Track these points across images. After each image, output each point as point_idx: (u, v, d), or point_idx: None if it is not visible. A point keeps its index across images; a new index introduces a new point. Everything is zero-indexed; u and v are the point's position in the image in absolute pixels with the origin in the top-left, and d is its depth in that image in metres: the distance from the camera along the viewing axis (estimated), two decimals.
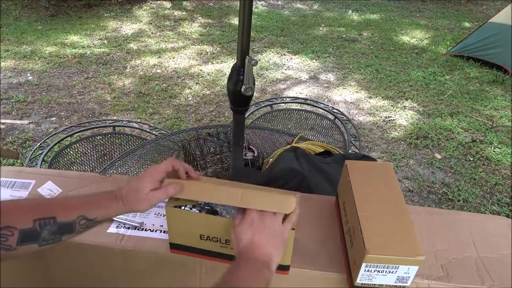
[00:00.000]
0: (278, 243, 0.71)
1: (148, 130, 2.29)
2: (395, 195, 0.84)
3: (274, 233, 0.71)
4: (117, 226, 0.92)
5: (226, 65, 4.38)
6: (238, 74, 1.15)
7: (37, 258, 0.92)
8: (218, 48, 4.86)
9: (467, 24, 6.13)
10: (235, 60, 1.15)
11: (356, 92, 3.94)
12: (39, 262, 0.92)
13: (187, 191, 0.76)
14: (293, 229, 0.74)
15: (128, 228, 0.91)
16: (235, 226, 0.72)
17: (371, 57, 4.77)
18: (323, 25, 5.90)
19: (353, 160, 0.94)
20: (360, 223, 0.75)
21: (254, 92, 1.24)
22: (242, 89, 1.14)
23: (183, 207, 0.78)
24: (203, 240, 0.80)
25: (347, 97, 3.85)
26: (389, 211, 0.79)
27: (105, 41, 4.89)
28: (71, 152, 1.84)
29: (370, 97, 3.83)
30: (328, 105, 2.30)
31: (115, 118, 3.30)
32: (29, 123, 3.23)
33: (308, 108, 2.46)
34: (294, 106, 2.52)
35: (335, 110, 2.17)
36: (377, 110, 3.61)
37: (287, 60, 4.65)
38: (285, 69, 4.40)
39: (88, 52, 4.55)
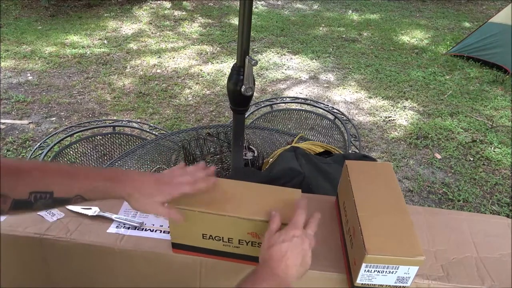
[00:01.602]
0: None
1: (148, 130, 2.29)
2: (395, 195, 0.84)
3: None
4: (117, 226, 0.92)
5: (226, 65, 4.38)
6: (238, 74, 1.15)
7: (37, 258, 0.92)
8: (218, 48, 4.86)
9: (467, 24, 6.13)
10: (235, 60, 1.15)
11: (356, 92, 3.94)
12: (39, 262, 0.92)
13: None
14: None
15: (128, 228, 0.91)
16: (272, 230, 0.72)
17: (371, 57, 4.77)
18: (323, 25, 5.90)
19: (353, 160, 0.94)
20: (360, 223, 0.75)
21: (254, 92, 1.24)
22: (242, 89, 1.14)
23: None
24: (205, 239, 0.81)
25: (347, 97, 3.85)
26: (389, 211, 0.79)
27: (105, 41, 4.89)
28: (71, 152, 1.84)
29: (370, 97, 3.83)
30: (328, 105, 2.30)
31: (115, 118, 3.31)
32: (29, 123, 3.23)
33: (308, 108, 2.46)
34: (294, 106, 2.52)
35: (335, 110, 2.17)
36: (377, 110, 3.61)
37: (287, 60, 4.65)
38: (285, 69, 4.40)
39: (88, 52, 4.55)
